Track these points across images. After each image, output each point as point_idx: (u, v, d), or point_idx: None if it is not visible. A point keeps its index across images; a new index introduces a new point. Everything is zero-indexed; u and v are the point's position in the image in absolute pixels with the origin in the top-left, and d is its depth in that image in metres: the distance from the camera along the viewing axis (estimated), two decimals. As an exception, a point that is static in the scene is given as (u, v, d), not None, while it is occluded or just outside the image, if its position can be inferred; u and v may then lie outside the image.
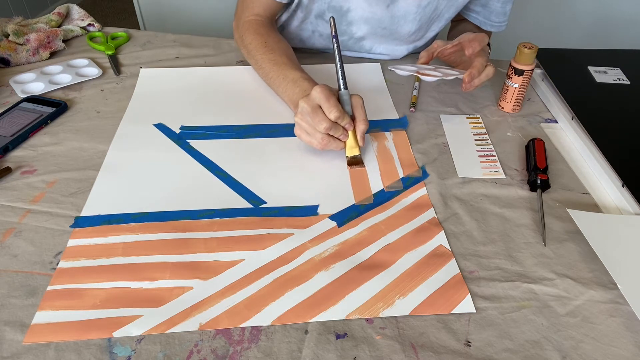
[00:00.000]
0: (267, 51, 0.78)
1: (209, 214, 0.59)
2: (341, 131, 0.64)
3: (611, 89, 0.78)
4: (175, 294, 0.50)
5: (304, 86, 0.70)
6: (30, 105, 0.75)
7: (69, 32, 0.93)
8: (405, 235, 0.57)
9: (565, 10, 1.60)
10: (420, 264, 0.54)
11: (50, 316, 0.48)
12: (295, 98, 0.70)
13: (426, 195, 0.63)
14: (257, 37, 0.80)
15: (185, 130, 0.72)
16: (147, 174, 0.64)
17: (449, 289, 0.51)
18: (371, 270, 0.53)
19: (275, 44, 0.79)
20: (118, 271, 0.52)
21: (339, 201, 0.61)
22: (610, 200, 0.62)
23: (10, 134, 0.69)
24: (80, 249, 0.54)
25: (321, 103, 0.63)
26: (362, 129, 0.65)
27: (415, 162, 0.68)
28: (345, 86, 0.66)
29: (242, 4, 0.84)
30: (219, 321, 0.48)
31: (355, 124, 0.66)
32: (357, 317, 0.48)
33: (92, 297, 0.49)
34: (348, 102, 0.65)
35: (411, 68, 0.74)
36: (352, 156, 0.67)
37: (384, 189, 0.63)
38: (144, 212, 0.59)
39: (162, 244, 0.55)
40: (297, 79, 0.72)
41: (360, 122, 0.65)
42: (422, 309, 0.49)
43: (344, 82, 0.66)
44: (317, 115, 0.63)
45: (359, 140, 0.66)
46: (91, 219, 0.58)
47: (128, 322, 0.47)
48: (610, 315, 0.49)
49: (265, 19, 0.84)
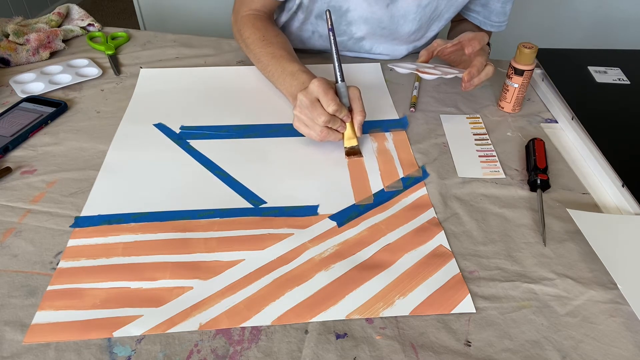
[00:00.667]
0: (265, 45, 0.79)
1: (209, 214, 0.59)
2: (339, 123, 0.66)
3: (611, 89, 0.78)
4: (175, 293, 0.50)
5: (302, 79, 0.71)
6: (30, 105, 0.75)
7: (69, 32, 0.93)
8: (405, 235, 0.57)
9: (565, 10, 1.60)
10: (420, 264, 0.54)
11: (50, 316, 0.48)
12: (294, 91, 0.71)
13: (426, 195, 0.63)
14: (255, 32, 0.81)
15: (185, 130, 0.72)
16: (147, 174, 0.64)
17: (449, 289, 0.51)
18: (371, 270, 0.53)
19: (274, 38, 0.80)
20: (118, 271, 0.52)
21: (339, 201, 0.61)
22: (610, 200, 0.62)
23: (10, 134, 0.69)
24: (80, 249, 0.54)
25: (319, 96, 0.64)
26: (359, 120, 0.67)
27: (416, 162, 0.68)
28: (342, 79, 0.67)
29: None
30: (219, 321, 0.48)
31: (353, 115, 0.67)
32: (357, 317, 0.48)
33: (92, 297, 0.49)
34: (345, 94, 0.67)
35: (411, 66, 0.74)
36: (350, 147, 0.68)
37: (384, 189, 0.63)
38: (144, 212, 0.59)
39: (162, 244, 0.55)
40: (295, 71, 0.73)
41: (358, 113, 0.67)
42: (422, 309, 0.49)
43: (341, 75, 0.67)
44: (316, 108, 0.64)
45: (356, 130, 0.68)
46: (91, 219, 0.58)
47: (128, 322, 0.47)
48: (610, 315, 0.49)
49: (264, 14, 0.85)
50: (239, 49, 0.92)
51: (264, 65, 0.79)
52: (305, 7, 0.85)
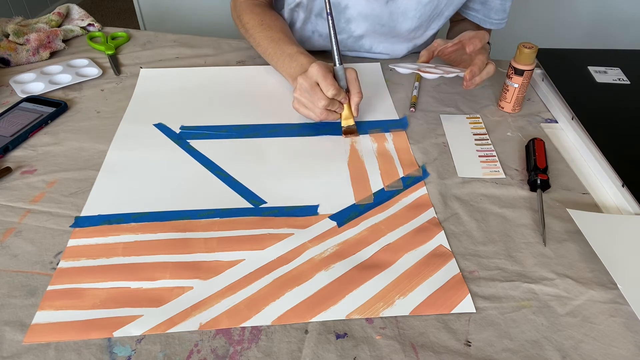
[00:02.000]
0: (263, 29, 0.81)
1: (209, 213, 0.59)
2: (337, 105, 0.70)
3: (611, 89, 0.78)
4: (175, 293, 0.50)
5: (301, 60, 0.74)
6: (30, 105, 0.75)
7: (69, 32, 0.94)
8: (405, 235, 0.57)
9: (565, 10, 1.60)
10: (420, 264, 0.54)
11: (50, 316, 0.48)
12: (293, 72, 0.74)
13: (426, 195, 0.63)
14: (254, 17, 0.83)
15: (186, 130, 0.72)
16: (147, 174, 0.64)
17: (449, 289, 0.51)
18: (371, 270, 0.53)
19: (272, 22, 0.82)
20: (118, 271, 0.52)
21: (339, 201, 0.61)
22: (610, 200, 0.62)
23: (10, 134, 0.69)
24: (80, 249, 0.54)
25: (319, 80, 0.67)
26: (356, 101, 0.71)
27: (416, 162, 0.68)
28: (340, 62, 0.70)
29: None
30: (219, 321, 0.48)
31: (350, 96, 0.71)
32: (357, 317, 0.48)
33: (92, 297, 0.50)
34: (343, 77, 0.71)
35: (412, 66, 0.74)
36: (347, 126, 0.72)
37: (384, 188, 0.63)
38: (144, 212, 0.59)
39: (162, 244, 0.55)
40: (294, 53, 0.76)
41: (355, 95, 0.71)
42: (422, 309, 0.49)
43: (339, 58, 0.71)
44: (316, 92, 0.68)
45: (353, 111, 0.72)
46: (91, 219, 0.58)
47: (128, 322, 0.47)
48: (611, 315, 0.49)
49: (262, 0, 0.86)
50: (239, 49, 0.92)
51: (263, 49, 0.81)
52: (305, 6, 0.85)
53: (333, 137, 0.72)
